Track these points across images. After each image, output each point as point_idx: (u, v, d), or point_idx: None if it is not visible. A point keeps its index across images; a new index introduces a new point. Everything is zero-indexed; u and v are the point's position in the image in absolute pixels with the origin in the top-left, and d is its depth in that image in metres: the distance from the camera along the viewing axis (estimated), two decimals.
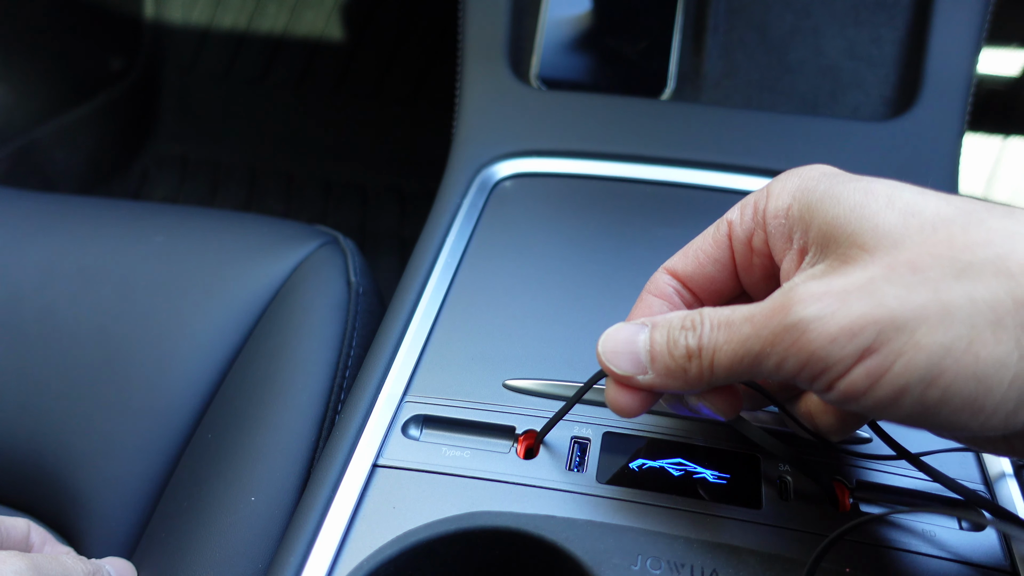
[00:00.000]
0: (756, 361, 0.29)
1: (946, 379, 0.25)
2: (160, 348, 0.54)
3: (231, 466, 0.47)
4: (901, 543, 0.36)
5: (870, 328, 0.26)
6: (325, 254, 0.59)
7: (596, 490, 0.38)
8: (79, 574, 0.41)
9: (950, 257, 0.26)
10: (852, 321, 0.26)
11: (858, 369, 0.27)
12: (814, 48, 0.67)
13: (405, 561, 0.36)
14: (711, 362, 0.30)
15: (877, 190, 0.29)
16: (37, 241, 0.60)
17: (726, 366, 0.30)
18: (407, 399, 0.43)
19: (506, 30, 0.68)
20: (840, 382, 0.27)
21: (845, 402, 0.28)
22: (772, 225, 0.33)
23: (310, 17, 1.38)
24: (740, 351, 0.29)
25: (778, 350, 0.28)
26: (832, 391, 0.28)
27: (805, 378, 0.28)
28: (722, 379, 0.31)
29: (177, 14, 1.41)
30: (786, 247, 0.32)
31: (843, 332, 0.26)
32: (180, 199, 1.37)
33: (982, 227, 0.27)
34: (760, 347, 0.28)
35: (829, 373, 0.27)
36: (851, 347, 0.26)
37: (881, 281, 0.27)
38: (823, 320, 0.27)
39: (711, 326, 0.31)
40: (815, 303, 0.27)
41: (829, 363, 0.27)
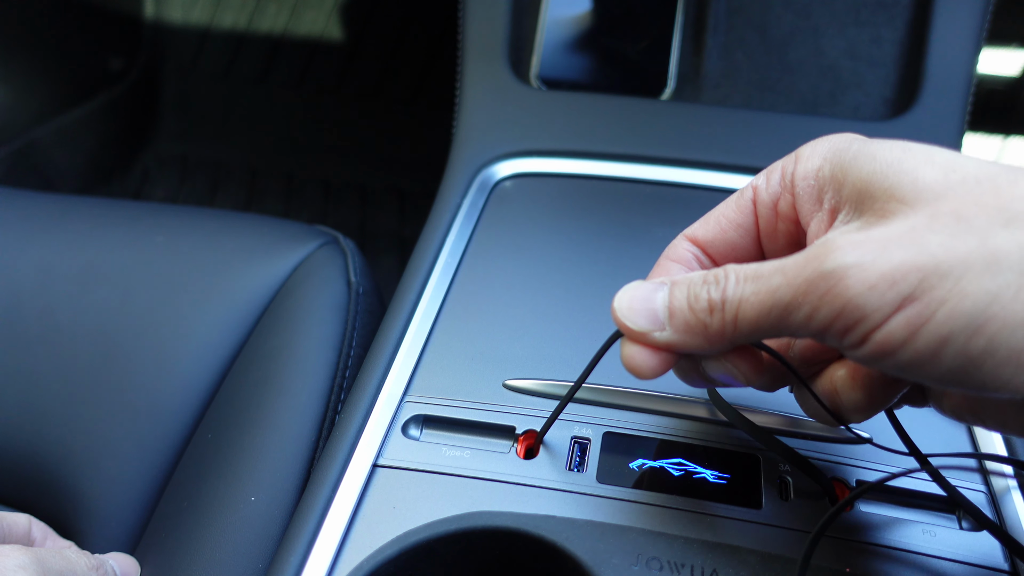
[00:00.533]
0: (785, 312, 0.27)
1: (992, 327, 0.24)
2: (160, 348, 0.54)
3: (231, 466, 0.47)
4: (901, 543, 0.36)
5: (912, 275, 0.25)
6: (325, 254, 0.59)
7: (596, 490, 0.38)
8: (82, 568, 0.41)
9: (997, 206, 0.25)
10: (893, 268, 0.25)
11: (897, 318, 0.25)
12: (814, 48, 0.67)
13: (405, 561, 0.36)
14: (735, 315, 0.29)
15: (914, 148, 0.28)
16: (37, 241, 0.60)
17: (752, 319, 0.28)
18: (407, 399, 0.43)
19: (506, 30, 0.68)
20: (876, 333, 0.26)
21: (879, 357, 0.26)
22: (801, 187, 0.32)
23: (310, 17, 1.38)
24: (768, 301, 0.28)
25: (811, 299, 0.26)
26: (866, 344, 0.26)
27: (837, 330, 0.27)
28: (746, 334, 0.29)
29: (177, 14, 1.41)
30: (815, 209, 0.31)
31: (883, 279, 0.25)
32: (180, 199, 1.37)
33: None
34: (791, 296, 0.27)
35: (864, 323, 0.26)
36: (891, 294, 0.25)
37: (924, 230, 0.26)
38: (862, 267, 0.26)
39: (736, 279, 0.29)
40: (854, 250, 0.26)
41: (866, 311, 0.26)
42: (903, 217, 0.27)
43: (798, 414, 0.41)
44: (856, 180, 0.29)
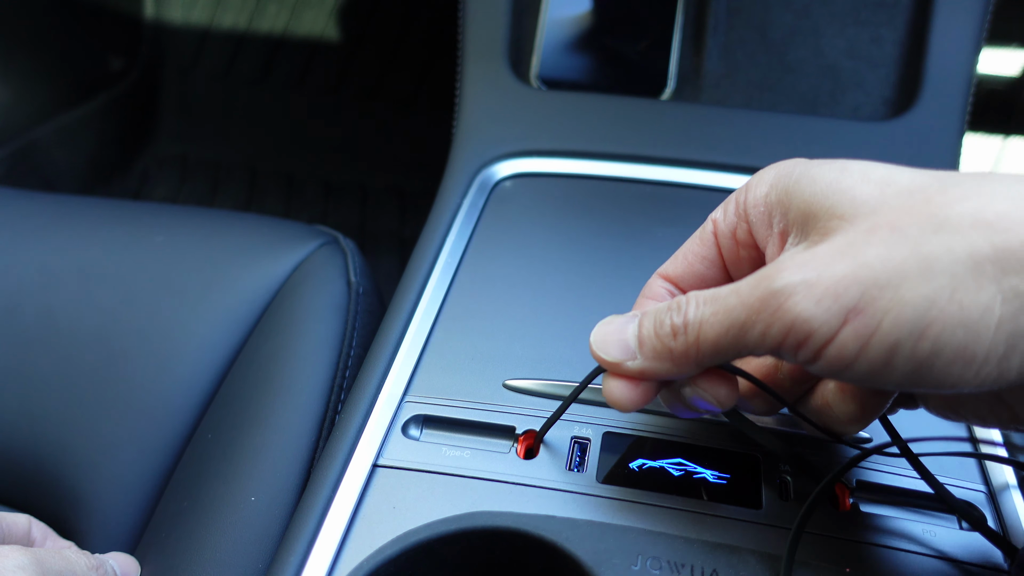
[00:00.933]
0: (742, 331, 0.29)
1: (935, 330, 0.25)
2: (160, 348, 0.54)
3: (231, 466, 0.47)
4: (901, 543, 0.36)
5: (854, 288, 0.26)
6: (325, 254, 0.59)
7: (596, 490, 0.38)
8: (82, 568, 0.41)
9: (928, 214, 0.26)
10: (836, 282, 0.26)
11: (845, 331, 0.26)
12: (814, 48, 0.67)
13: (405, 561, 0.36)
14: (696, 337, 0.30)
15: (851, 167, 0.30)
16: (37, 241, 0.60)
17: (712, 339, 0.30)
18: (407, 399, 0.43)
19: (506, 30, 0.68)
20: (828, 348, 0.27)
21: (836, 371, 0.28)
22: (753, 214, 0.34)
23: (310, 17, 1.38)
24: (726, 322, 0.29)
25: (764, 317, 0.28)
26: (820, 359, 0.27)
27: (791, 346, 0.28)
28: (709, 355, 0.31)
29: (177, 14, 1.41)
30: (768, 233, 0.33)
31: (827, 293, 0.26)
32: (180, 199, 1.37)
33: (958, 187, 0.27)
34: (746, 316, 0.28)
35: (815, 338, 0.27)
36: (836, 308, 0.26)
37: (862, 244, 0.27)
38: (808, 283, 0.27)
39: (696, 303, 0.31)
40: (799, 269, 0.27)
41: (814, 326, 0.27)
42: (843, 233, 0.28)
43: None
44: (799, 203, 0.31)
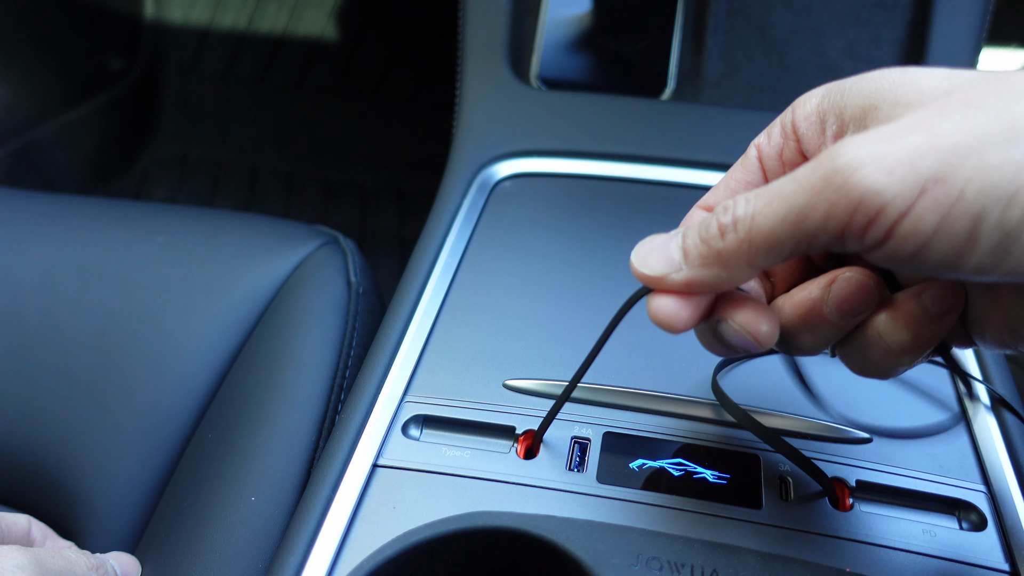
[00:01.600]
0: (801, 217, 0.26)
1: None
2: (160, 348, 0.54)
3: (231, 466, 0.47)
4: (901, 543, 0.36)
5: (932, 156, 0.24)
6: (325, 254, 0.59)
7: (596, 490, 0.38)
8: (82, 568, 0.41)
9: (1006, 88, 0.24)
10: (910, 151, 0.24)
11: (923, 202, 0.24)
12: (814, 48, 0.67)
13: (405, 561, 0.36)
14: (748, 230, 0.27)
15: (910, 68, 0.28)
16: (37, 241, 0.60)
17: (766, 231, 0.27)
18: (407, 399, 0.43)
19: (506, 30, 0.68)
20: (902, 223, 0.24)
21: (908, 252, 0.25)
22: (803, 128, 0.31)
23: (310, 17, 1.38)
24: (782, 209, 0.26)
25: (827, 195, 0.25)
26: (891, 238, 0.25)
27: (857, 227, 0.25)
28: (764, 250, 0.28)
29: (177, 14, 1.41)
30: (820, 141, 0.31)
31: (901, 163, 0.24)
32: (180, 199, 1.37)
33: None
34: (805, 199, 0.26)
35: (887, 213, 0.24)
36: (912, 177, 0.24)
37: (936, 117, 0.25)
38: (877, 155, 0.24)
39: (747, 199, 0.28)
40: (865, 144, 0.25)
41: (887, 198, 0.24)
42: (912, 114, 0.26)
43: (799, 414, 0.42)
44: (857, 99, 0.29)
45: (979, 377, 0.44)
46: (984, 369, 0.45)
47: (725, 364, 0.44)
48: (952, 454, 0.40)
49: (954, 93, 0.26)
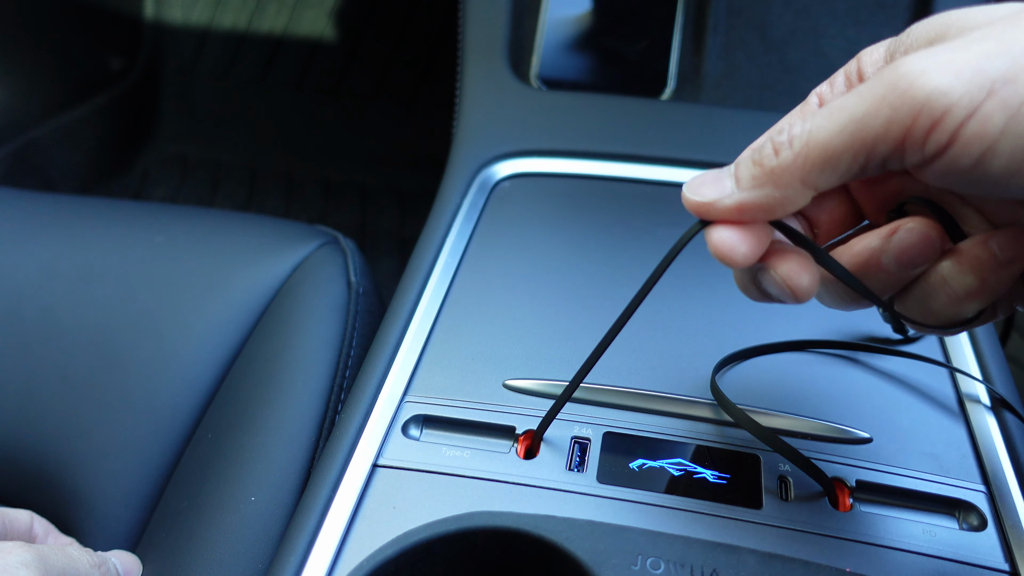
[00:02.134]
0: (861, 126, 0.25)
1: None
2: (160, 348, 0.54)
3: (231, 466, 0.47)
4: (901, 543, 0.36)
5: (999, 59, 0.23)
6: (325, 254, 0.59)
7: (596, 490, 0.38)
8: (85, 565, 0.40)
9: None
10: (978, 56, 0.23)
11: (991, 103, 0.23)
12: (814, 48, 0.67)
13: (405, 561, 0.36)
14: (805, 144, 0.27)
15: (974, 7, 0.27)
16: (37, 241, 0.60)
17: (823, 143, 0.26)
18: (407, 399, 0.43)
19: (506, 30, 0.68)
20: (968, 124, 0.23)
21: (971, 160, 0.24)
22: (869, 72, 0.30)
23: (310, 17, 1.38)
24: (842, 119, 0.26)
25: (889, 101, 0.24)
26: (955, 143, 0.24)
27: (919, 132, 0.24)
28: (819, 164, 0.27)
29: (177, 14, 1.41)
30: None
31: (968, 66, 0.23)
32: (180, 199, 1.37)
33: None
34: (866, 107, 0.25)
35: (952, 115, 0.23)
36: (980, 79, 0.23)
37: (1004, 28, 0.24)
38: (941, 62, 0.24)
39: (804, 116, 0.27)
40: (931, 54, 0.24)
41: (952, 99, 0.23)
42: (979, 30, 0.25)
43: (799, 414, 0.42)
44: (924, 33, 0.28)
45: (979, 377, 0.44)
46: (984, 369, 0.45)
47: (724, 364, 0.44)
48: (952, 454, 0.40)
49: (1020, 15, 0.25)
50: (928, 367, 0.44)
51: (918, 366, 0.45)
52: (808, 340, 0.45)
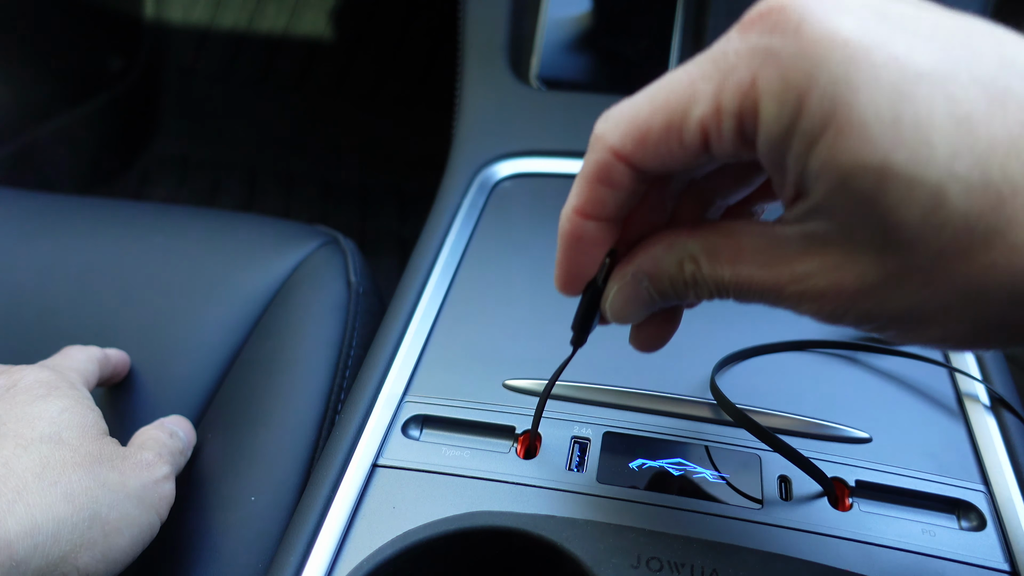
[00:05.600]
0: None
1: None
2: (160, 348, 0.54)
3: (231, 465, 0.47)
4: (901, 543, 0.36)
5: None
6: (325, 254, 0.59)
7: (596, 490, 0.38)
8: (82, 358, 0.48)
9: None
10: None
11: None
12: None
13: (405, 561, 0.36)
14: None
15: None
16: (37, 241, 0.60)
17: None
18: (407, 399, 0.43)
19: (506, 30, 0.68)
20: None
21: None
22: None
23: (310, 17, 1.38)
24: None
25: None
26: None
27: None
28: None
29: (177, 14, 1.41)
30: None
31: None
32: (180, 199, 1.37)
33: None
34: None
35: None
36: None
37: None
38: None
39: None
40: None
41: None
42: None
43: (799, 414, 0.42)
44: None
45: (978, 377, 0.44)
46: (984, 369, 0.45)
47: (724, 364, 0.44)
48: (951, 454, 0.40)
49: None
50: (927, 367, 0.44)
51: (917, 366, 0.45)
52: (808, 340, 0.45)
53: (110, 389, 0.53)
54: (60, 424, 0.39)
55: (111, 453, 0.40)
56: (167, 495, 0.42)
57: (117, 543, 0.37)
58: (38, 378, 0.42)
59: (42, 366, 0.44)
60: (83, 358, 0.47)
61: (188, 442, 0.47)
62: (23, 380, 0.42)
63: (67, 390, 0.42)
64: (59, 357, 0.47)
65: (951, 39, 0.23)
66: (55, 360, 0.47)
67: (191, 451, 0.47)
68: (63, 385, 0.42)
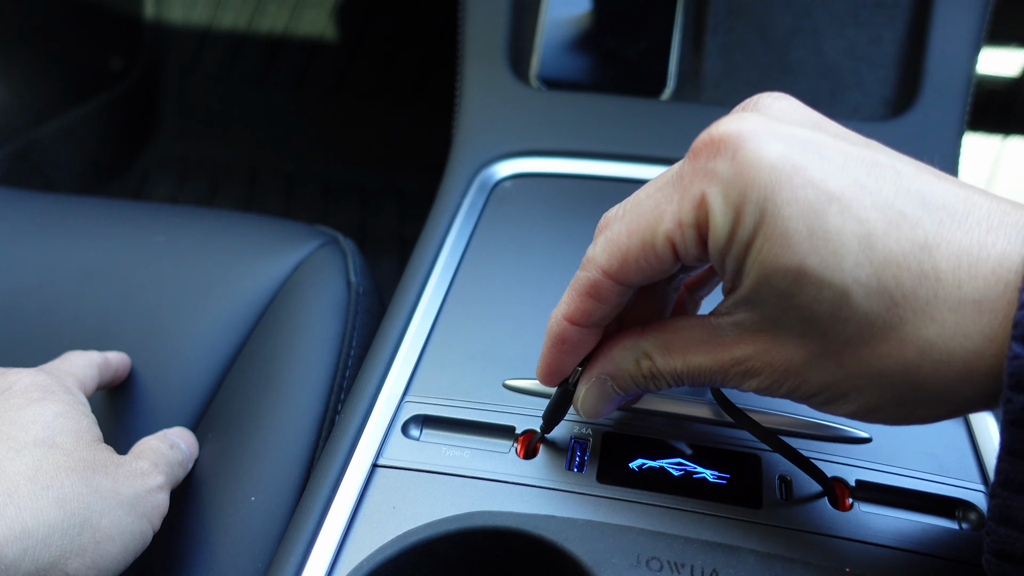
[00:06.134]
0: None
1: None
2: (160, 348, 0.54)
3: (231, 465, 0.47)
4: (901, 543, 0.36)
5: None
6: (325, 254, 0.59)
7: (596, 490, 0.38)
8: (80, 363, 0.47)
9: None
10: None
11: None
12: (814, 48, 0.67)
13: (405, 561, 0.36)
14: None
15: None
16: (37, 241, 0.60)
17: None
18: (407, 399, 0.43)
19: (506, 30, 0.68)
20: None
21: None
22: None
23: (310, 17, 1.38)
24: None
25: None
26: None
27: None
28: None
29: (177, 14, 1.41)
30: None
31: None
32: (180, 199, 1.37)
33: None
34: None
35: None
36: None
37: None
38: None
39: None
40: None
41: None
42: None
43: (800, 414, 0.42)
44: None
45: None
46: None
47: None
48: (952, 454, 0.40)
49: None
50: None
51: None
52: None
53: (110, 388, 0.53)
54: (54, 429, 0.39)
55: (105, 460, 0.40)
56: (160, 505, 0.41)
57: (108, 550, 0.37)
58: (34, 381, 0.42)
59: (39, 370, 0.44)
60: (82, 363, 0.47)
61: (190, 454, 0.47)
62: (18, 383, 0.41)
63: (62, 395, 0.42)
64: (58, 362, 0.47)
65: (859, 168, 0.27)
66: (53, 365, 0.46)
67: (192, 463, 0.47)
68: (58, 390, 0.42)
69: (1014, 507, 0.27)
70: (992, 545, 0.28)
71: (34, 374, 0.43)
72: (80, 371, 0.46)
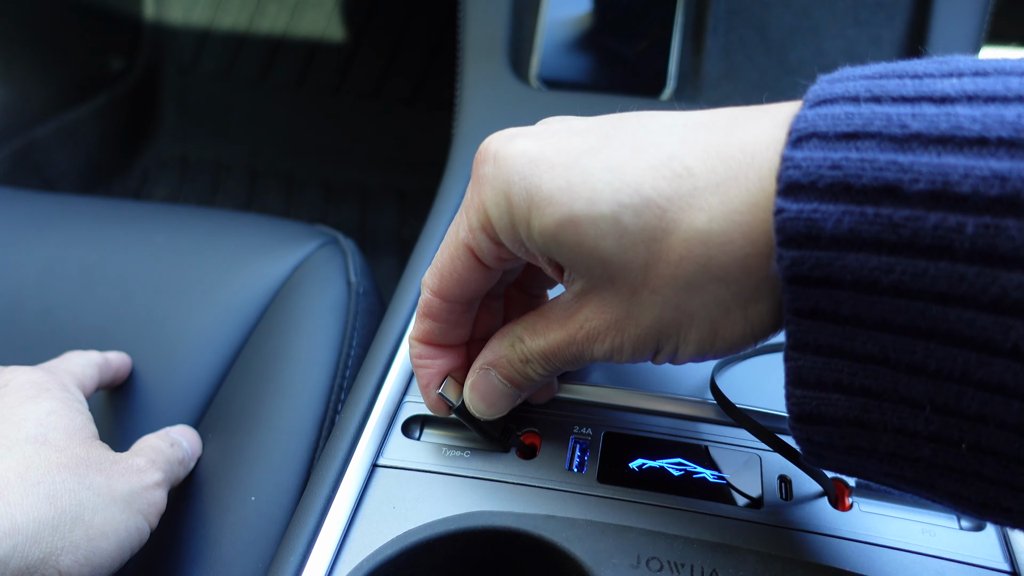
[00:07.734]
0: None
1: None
2: (160, 348, 0.54)
3: (231, 466, 0.47)
4: (901, 543, 0.36)
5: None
6: (325, 254, 0.59)
7: (596, 490, 0.38)
8: (79, 363, 0.48)
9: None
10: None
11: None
12: (814, 48, 0.67)
13: (405, 561, 0.36)
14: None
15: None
16: (37, 241, 0.60)
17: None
18: (407, 399, 0.43)
19: (506, 30, 0.68)
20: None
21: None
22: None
23: (310, 17, 1.38)
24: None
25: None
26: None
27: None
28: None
29: (177, 14, 1.41)
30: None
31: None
32: (180, 199, 1.37)
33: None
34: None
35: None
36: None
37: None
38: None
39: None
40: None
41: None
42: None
43: None
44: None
45: None
46: None
47: (724, 364, 0.44)
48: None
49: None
50: None
51: None
52: None
53: (111, 389, 0.53)
54: (47, 426, 0.39)
55: (99, 457, 0.39)
56: (157, 502, 0.41)
57: (102, 547, 0.37)
58: (30, 379, 0.42)
59: (36, 368, 0.44)
60: (81, 362, 0.47)
61: (191, 452, 0.47)
62: (14, 381, 0.42)
63: (57, 392, 0.42)
64: (57, 361, 0.47)
65: (604, 126, 0.31)
66: (52, 363, 0.46)
67: (194, 462, 0.47)
68: (54, 387, 0.42)
69: (806, 367, 0.26)
70: (792, 409, 0.28)
71: (31, 372, 0.43)
72: (79, 370, 0.46)
